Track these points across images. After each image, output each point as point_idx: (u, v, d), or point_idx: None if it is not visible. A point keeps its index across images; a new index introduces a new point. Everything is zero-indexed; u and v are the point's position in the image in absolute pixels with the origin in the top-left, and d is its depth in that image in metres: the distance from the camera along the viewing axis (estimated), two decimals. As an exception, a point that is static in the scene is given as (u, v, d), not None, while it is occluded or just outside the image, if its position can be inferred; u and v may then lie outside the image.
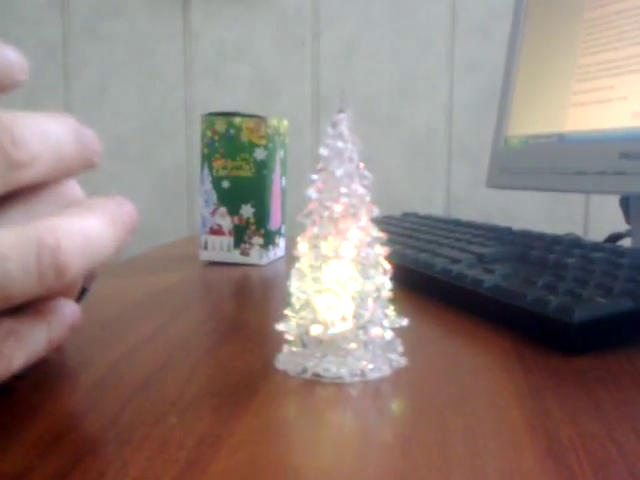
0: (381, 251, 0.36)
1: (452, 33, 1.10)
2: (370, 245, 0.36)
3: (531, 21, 0.74)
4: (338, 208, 0.35)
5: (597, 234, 0.91)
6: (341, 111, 0.36)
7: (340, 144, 0.36)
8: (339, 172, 0.35)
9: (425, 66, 1.10)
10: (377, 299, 0.36)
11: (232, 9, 1.15)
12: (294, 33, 1.15)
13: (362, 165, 0.36)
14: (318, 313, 0.35)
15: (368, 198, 0.36)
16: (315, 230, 0.36)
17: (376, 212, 0.36)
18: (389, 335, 0.36)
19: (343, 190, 0.35)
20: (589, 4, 0.65)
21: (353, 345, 0.35)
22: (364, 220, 0.35)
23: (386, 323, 0.36)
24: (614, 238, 0.76)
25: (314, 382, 0.35)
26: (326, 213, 0.35)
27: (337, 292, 0.35)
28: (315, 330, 0.35)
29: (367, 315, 0.35)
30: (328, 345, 0.35)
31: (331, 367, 0.35)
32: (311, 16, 1.14)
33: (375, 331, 0.35)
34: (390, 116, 1.12)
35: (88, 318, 0.48)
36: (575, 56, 0.66)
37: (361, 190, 0.36)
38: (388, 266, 0.36)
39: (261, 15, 1.14)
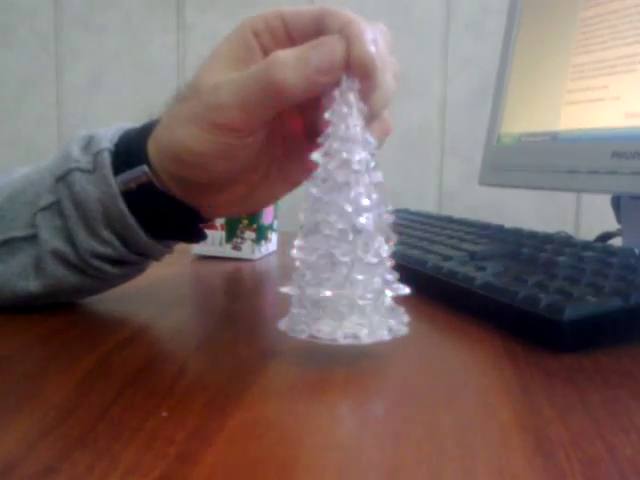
0: (388, 218, 0.36)
1: (446, 30, 1.10)
2: (372, 209, 0.36)
3: (526, 19, 0.74)
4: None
5: (588, 233, 0.91)
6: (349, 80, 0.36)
7: (345, 109, 0.36)
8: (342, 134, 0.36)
9: (419, 62, 1.10)
10: (378, 265, 0.36)
11: (226, 2, 1.15)
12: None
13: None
14: (316, 276, 0.35)
15: (373, 164, 0.36)
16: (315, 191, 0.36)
17: (379, 178, 0.36)
18: (388, 301, 0.36)
19: (344, 155, 0.35)
20: (584, 3, 0.65)
21: (347, 308, 0.35)
22: (365, 184, 0.36)
23: (388, 292, 0.36)
24: (605, 237, 0.76)
25: (306, 373, 0.35)
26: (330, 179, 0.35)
27: (336, 255, 0.35)
28: (312, 292, 0.35)
29: (364, 279, 0.35)
30: (324, 307, 0.35)
31: (325, 328, 0.35)
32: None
33: (372, 296, 0.35)
34: (383, 112, 1.12)
35: (77, 312, 0.48)
36: (569, 55, 0.66)
37: (364, 155, 0.36)
38: (393, 235, 0.36)
39: (255, 8, 1.14)
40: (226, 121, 0.37)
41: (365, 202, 0.35)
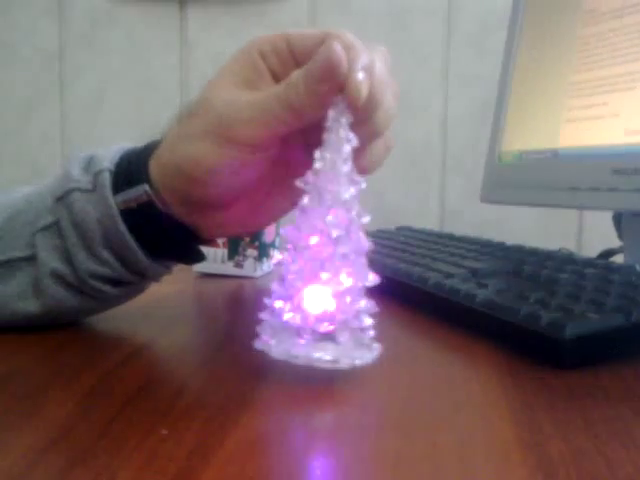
0: (365, 246, 0.36)
1: (447, 47, 1.11)
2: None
3: (526, 36, 0.74)
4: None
5: (590, 250, 0.91)
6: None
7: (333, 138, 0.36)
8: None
9: (420, 80, 1.11)
10: (351, 291, 0.36)
11: (228, 20, 1.16)
12: (290, 46, 1.15)
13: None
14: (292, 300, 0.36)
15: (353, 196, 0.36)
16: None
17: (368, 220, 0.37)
18: (362, 327, 0.36)
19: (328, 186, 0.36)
20: (584, 21, 0.66)
21: (310, 335, 0.35)
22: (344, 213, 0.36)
23: (365, 319, 0.36)
24: (607, 254, 0.76)
25: (305, 391, 0.35)
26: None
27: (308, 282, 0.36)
28: (288, 318, 0.36)
29: (337, 306, 0.35)
30: (296, 331, 0.36)
31: (301, 351, 0.35)
32: (308, 29, 1.14)
33: (345, 322, 0.36)
34: (385, 129, 1.12)
35: (78, 330, 0.48)
36: (569, 72, 0.67)
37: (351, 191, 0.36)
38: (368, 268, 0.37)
39: (257, 26, 1.15)
40: (244, 137, 0.38)
41: (340, 232, 0.35)
